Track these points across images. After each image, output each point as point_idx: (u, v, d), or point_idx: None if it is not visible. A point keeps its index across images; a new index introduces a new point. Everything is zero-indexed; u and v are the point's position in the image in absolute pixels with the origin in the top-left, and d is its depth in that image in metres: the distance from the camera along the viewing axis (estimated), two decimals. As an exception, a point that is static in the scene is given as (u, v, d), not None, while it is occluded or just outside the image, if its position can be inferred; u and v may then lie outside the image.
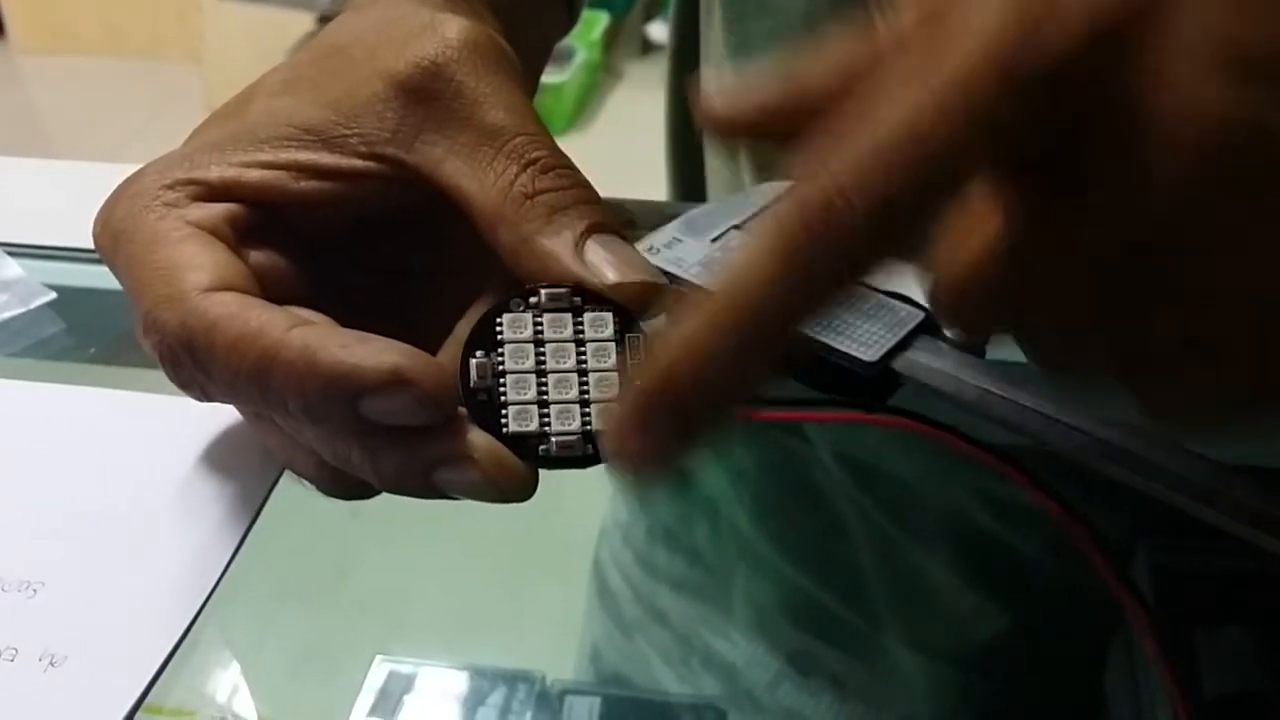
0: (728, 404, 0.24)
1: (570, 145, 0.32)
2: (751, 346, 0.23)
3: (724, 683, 0.50)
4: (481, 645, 0.43)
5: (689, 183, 0.60)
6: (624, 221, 0.34)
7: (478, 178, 0.32)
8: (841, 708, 0.48)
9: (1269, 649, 0.35)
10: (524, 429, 0.29)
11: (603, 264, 0.30)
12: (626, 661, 0.54)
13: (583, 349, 0.30)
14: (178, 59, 2.69)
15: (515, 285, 0.30)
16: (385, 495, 0.30)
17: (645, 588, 0.55)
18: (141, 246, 0.31)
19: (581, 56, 2.59)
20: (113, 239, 0.32)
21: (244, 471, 0.36)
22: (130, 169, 0.35)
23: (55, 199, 0.37)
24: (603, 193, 0.34)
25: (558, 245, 0.30)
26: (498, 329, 0.30)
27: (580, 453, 0.29)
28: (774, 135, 0.26)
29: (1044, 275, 0.24)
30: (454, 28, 0.33)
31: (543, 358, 0.29)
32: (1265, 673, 0.34)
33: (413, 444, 0.29)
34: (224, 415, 0.37)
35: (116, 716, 0.30)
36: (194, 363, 0.30)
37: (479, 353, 0.29)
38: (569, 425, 0.29)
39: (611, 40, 2.83)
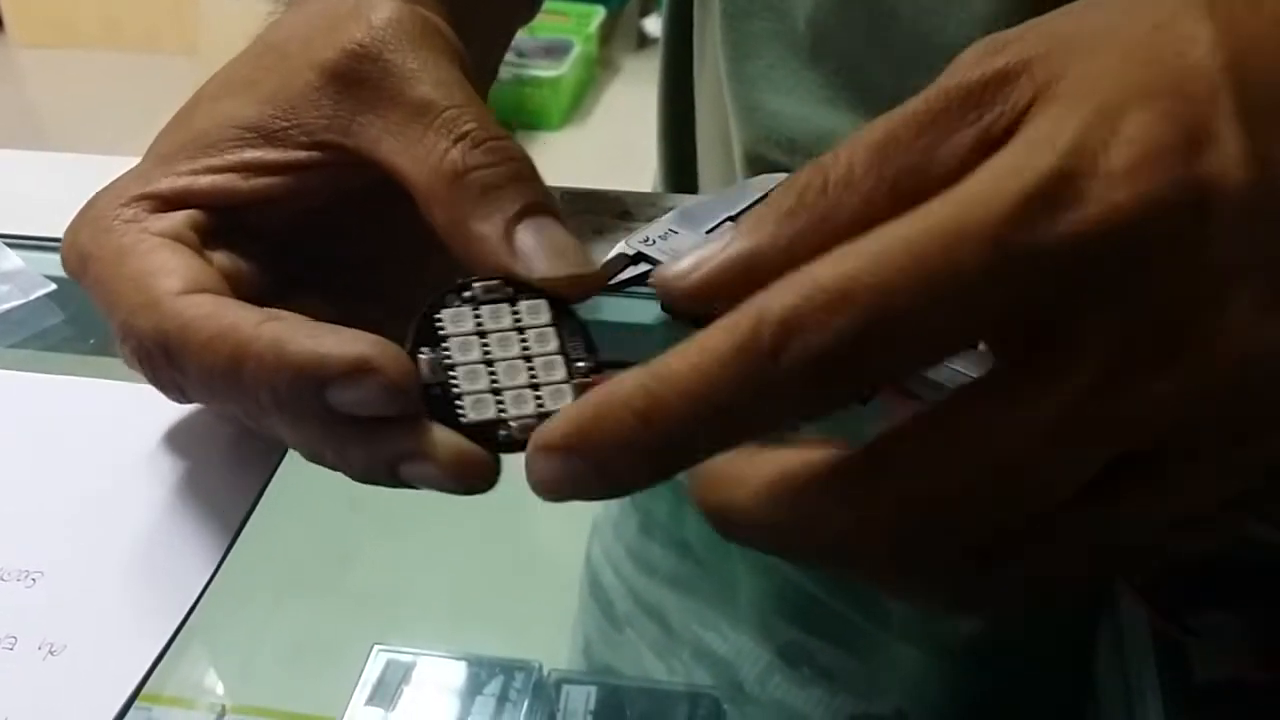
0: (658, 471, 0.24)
1: (567, 138, 0.33)
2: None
3: (715, 676, 0.50)
4: (479, 635, 0.43)
5: (680, 174, 0.60)
6: (618, 214, 0.34)
7: (410, 154, 0.31)
8: (833, 700, 0.48)
9: (1261, 637, 0.35)
10: (482, 417, 0.29)
11: (532, 254, 0.30)
12: (618, 656, 0.54)
13: (524, 335, 0.30)
14: (174, 51, 2.69)
15: (451, 275, 0.30)
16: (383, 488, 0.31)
17: (637, 582, 0.55)
18: (110, 262, 0.32)
19: (578, 50, 2.59)
20: (80, 261, 0.32)
21: (242, 462, 0.36)
22: (127, 160, 0.35)
23: (54, 191, 0.37)
24: (599, 185, 0.34)
25: (488, 230, 0.30)
26: (438, 325, 0.30)
27: None
28: (734, 298, 0.24)
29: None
30: (380, 10, 0.33)
31: (488, 348, 0.30)
32: (1257, 661, 0.35)
33: (376, 440, 0.29)
34: (222, 406, 0.37)
35: (114, 705, 0.30)
36: (170, 364, 0.30)
37: (425, 349, 0.29)
38: (525, 409, 0.29)
39: (608, 34, 2.82)
